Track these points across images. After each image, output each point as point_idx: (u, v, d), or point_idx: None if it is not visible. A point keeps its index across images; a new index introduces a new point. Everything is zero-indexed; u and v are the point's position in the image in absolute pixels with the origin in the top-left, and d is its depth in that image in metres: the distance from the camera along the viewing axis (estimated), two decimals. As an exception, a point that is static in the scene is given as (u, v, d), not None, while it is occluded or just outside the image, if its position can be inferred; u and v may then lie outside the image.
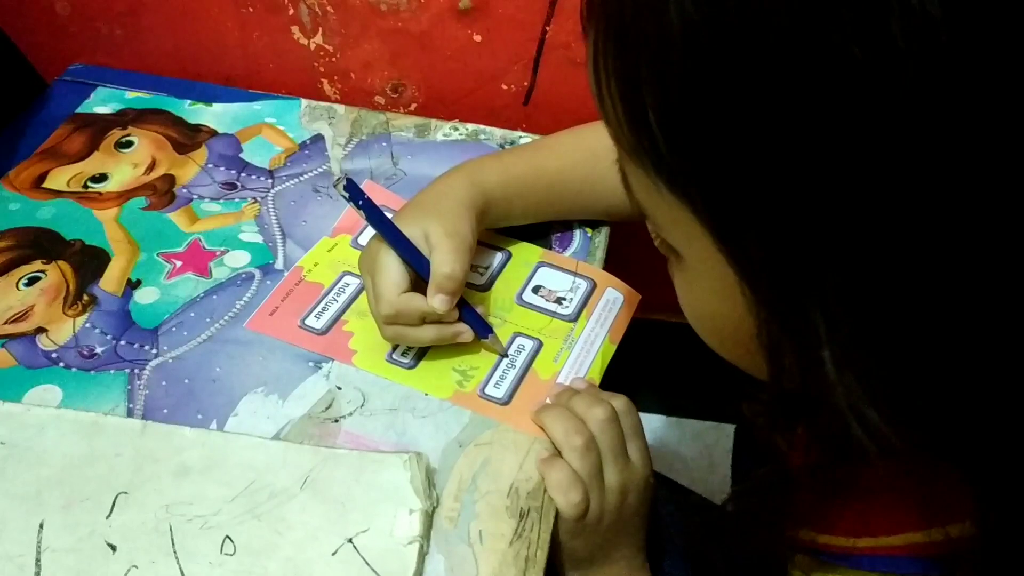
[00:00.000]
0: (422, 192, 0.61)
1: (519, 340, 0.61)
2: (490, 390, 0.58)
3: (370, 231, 0.67)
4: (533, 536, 0.50)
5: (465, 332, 0.57)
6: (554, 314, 0.63)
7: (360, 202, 0.53)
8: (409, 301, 0.55)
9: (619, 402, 0.56)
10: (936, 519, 0.35)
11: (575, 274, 0.66)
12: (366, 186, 0.70)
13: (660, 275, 0.68)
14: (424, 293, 0.55)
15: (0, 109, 0.78)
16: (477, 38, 0.76)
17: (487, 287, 0.64)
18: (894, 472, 0.36)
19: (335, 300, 0.63)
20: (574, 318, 0.63)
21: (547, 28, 0.75)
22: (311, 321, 0.61)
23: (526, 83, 0.80)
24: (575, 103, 0.80)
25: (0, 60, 0.81)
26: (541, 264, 0.66)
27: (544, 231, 0.69)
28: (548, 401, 0.57)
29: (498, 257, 0.67)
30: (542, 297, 0.64)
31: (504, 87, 0.80)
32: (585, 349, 0.61)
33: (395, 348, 0.60)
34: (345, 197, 0.53)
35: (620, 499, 0.54)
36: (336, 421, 0.56)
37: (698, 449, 1.23)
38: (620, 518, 0.54)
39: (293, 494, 0.51)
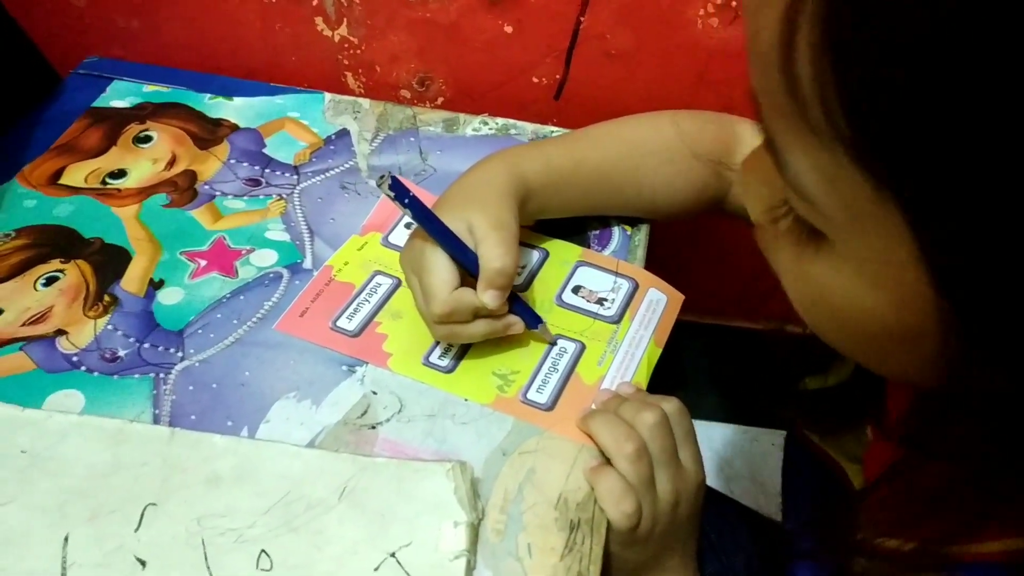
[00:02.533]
0: (460, 181, 0.58)
1: (561, 343, 0.58)
2: (533, 395, 0.55)
3: (401, 229, 0.65)
4: (585, 550, 0.48)
5: (516, 323, 0.55)
6: (596, 315, 0.60)
7: (406, 200, 0.51)
8: (461, 298, 0.52)
9: (670, 405, 0.53)
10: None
11: (616, 274, 0.63)
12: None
13: (695, 276, 0.65)
14: (472, 287, 0.52)
15: (14, 103, 0.75)
16: (508, 29, 0.74)
17: (525, 287, 0.62)
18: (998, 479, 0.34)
19: (367, 301, 0.60)
20: (617, 320, 0.60)
21: (581, 19, 0.72)
22: (343, 323, 0.59)
23: (558, 76, 0.77)
24: (608, 97, 0.77)
25: (13, 53, 0.78)
26: (580, 263, 0.64)
27: (581, 228, 0.67)
28: (594, 407, 0.55)
29: (535, 256, 0.64)
30: (583, 298, 0.61)
31: (535, 80, 0.78)
32: (630, 352, 0.58)
33: (432, 351, 0.57)
34: (391, 196, 0.50)
35: (672, 506, 0.51)
36: (373, 428, 0.53)
37: (739, 454, 1.21)
38: (672, 526, 0.52)
39: (331, 505, 0.48)
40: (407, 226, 0.65)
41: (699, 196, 0.65)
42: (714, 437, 1.19)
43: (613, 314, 0.61)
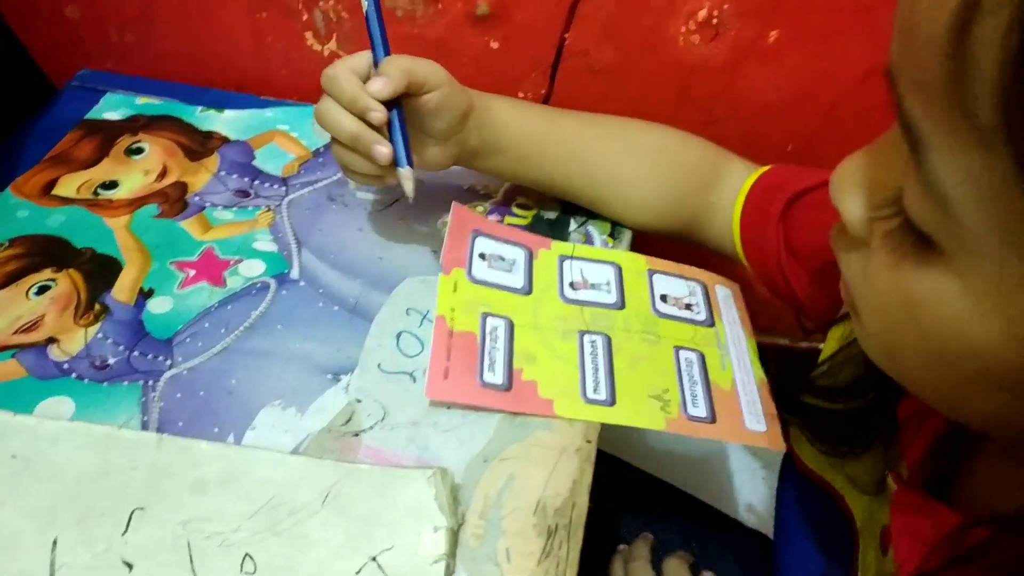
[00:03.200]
0: None
1: (683, 354, 0.60)
2: (692, 411, 0.56)
3: (478, 261, 0.63)
4: (562, 554, 0.49)
5: (384, 148, 0.55)
6: (693, 321, 0.62)
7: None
8: (346, 64, 0.55)
9: None
10: None
11: (684, 277, 0.65)
12: (455, 210, 0.65)
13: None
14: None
15: (9, 113, 0.77)
16: (494, 45, 0.76)
17: (621, 304, 0.62)
18: None
19: (495, 348, 0.57)
20: (711, 323, 0.62)
21: (565, 36, 0.74)
22: (489, 377, 0.56)
23: (543, 91, 0.79)
24: (593, 111, 0.79)
25: (10, 64, 0.80)
26: (651, 271, 0.65)
27: (562, 234, 0.68)
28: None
29: (611, 271, 0.65)
30: (673, 306, 0.63)
31: (521, 94, 0.79)
32: (738, 352, 0.61)
33: (584, 386, 0.56)
34: None
35: None
36: (356, 435, 0.54)
37: (728, 470, 1.22)
38: None
39: (314, 510, 0.50)
40: (481, 256, 0.63)
41: (673, 208, 0.65)
42: (697, 447, 1.21)
43: (705, 318, 0.63)
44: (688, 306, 0.63)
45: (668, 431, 0.54)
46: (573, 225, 0.69)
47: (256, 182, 0.72)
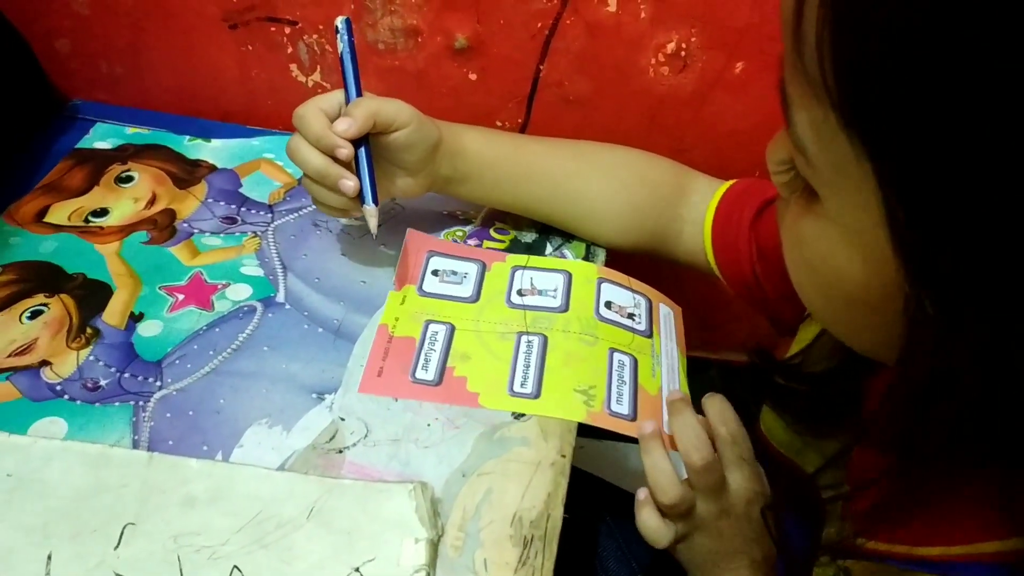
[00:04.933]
0: None
1: (617, 356, 0.63)
2: (616, 407, 0.60)
3: (430, 277, 0.69)
4: (537, 564, 0.51)
5: (350, 181, 0.59)
6: (632, 329, 0.65)
7: (349, 39, 0.61)
8: (316, 104, 0.59)
9: (732, 414, 0.56)
10: (1018, 529, 0.36)
11: (631, 290, 0.69)
12: (409, 235, 0.71)
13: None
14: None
15: (20, 129, 0.79)
16: (472, 77, 0.79)
17: (565, 308, 0.66)
18: (981, 480, 0.36)
19: (432, 350, 0.63)
20: (649, 334, 0.66)
21: (541, 67, 0.77)
22: (421, 374, 0.61)
23: (520, 120, 0.82)
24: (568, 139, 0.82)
25: (22, 80, 0.82)
26: (601, 280, 0.69)
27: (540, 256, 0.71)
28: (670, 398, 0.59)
29: (561, 279, 0.69)
30: (616, 313, 0.66)
31: (499, 124, 0.82)
32: (669, 364, 0.64)
33: (512, 382, 0.61)
34: (337, 29, 0.60)
35: (744, 510, 0.53)
36: (340, 452, 0.56)
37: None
38: (741, 525, 0.53)
39: (300, 524, 0.52)
40: (434, 273, 0.68)
41: (641, 222, 0.68)
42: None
43: (644, 328, 0.66)
44: (631, 315, 0.66)
45: (587, 422, 0.58)
46: (549, 248, 0.72)
47: (243, 209, 0.74)
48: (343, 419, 0.58)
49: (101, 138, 0.81)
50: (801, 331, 0.58)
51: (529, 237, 0.73)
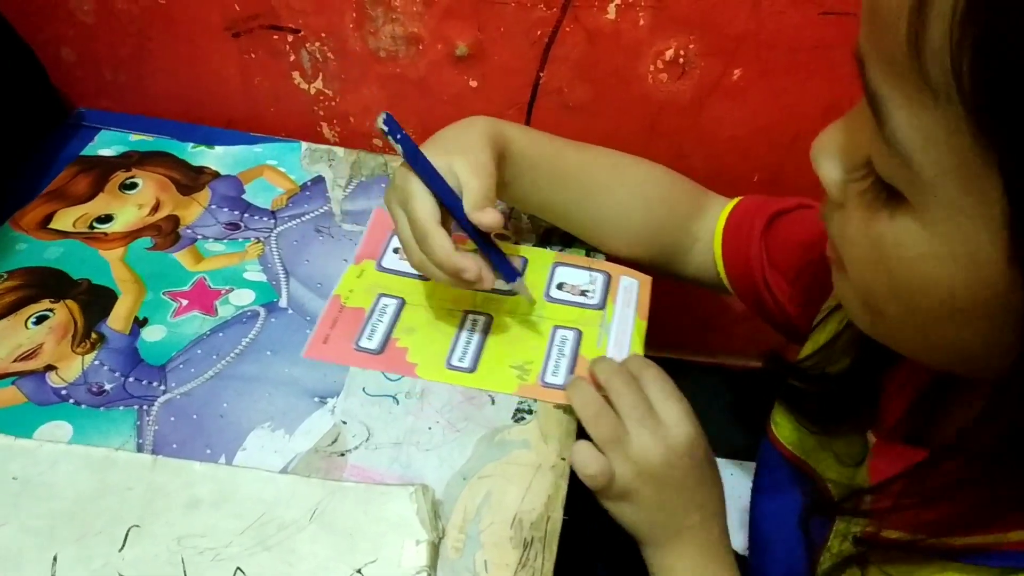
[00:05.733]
0: (443, 130, 0.62)
1: (560, 332, 0.66)
2: (550, 379, 0.62)
3: (391, 254, 0.71)
4: (537, 565, 0.52)
5: (487, 278, 0.57)
6: (583, 305, 0.68)
7: (398, 136, 0.57)
8: (434, 218, 0.56)
9: (647, 372, 0.58)
10: None
11: (590, 269, 0.71)
12: (376, 213, 0.75)
13: (655, 313, 0.70)
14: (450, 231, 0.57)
15: (25, 138, 0.80)
16: (473, 84, 0.79)
17: (514, 292, 0.67)
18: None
19: (380, 321, 0.66)
20: (601, 306, 0.68)
21: (540, 74, 0.78)
22: (365, 343, 0.64)
23: (520, 127, 0.82)
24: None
25: (27, 88, 0.83)
26: (557, 264, 0.71)
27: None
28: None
29: (518, 263, 0.71)
30: (567, 292, 0.69)
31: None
32: (621, 329, 0.66)
33: (452, 355, 0.64)
34: (384, 131, 0.57)
35: (662, 462, 0.54)
36: (342, 455, 0.57)
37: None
38: (670, 482, 0.54)
39: (302, 526, 0.52)
40: (395, 251, 0.71)
41: (654, 239, 0.69)
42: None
43: (597, 302, 0.68)
44: (583, 292, 0.69)
45: (518, 395, 0.61)
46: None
47: (246, 215, 0.75)
48: (345, 422, 0.59)
49: (105, 145, 0.82)
50: (814, 335, 0.59)
51: (529, 244, 0.74)
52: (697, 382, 1.09)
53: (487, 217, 0.56)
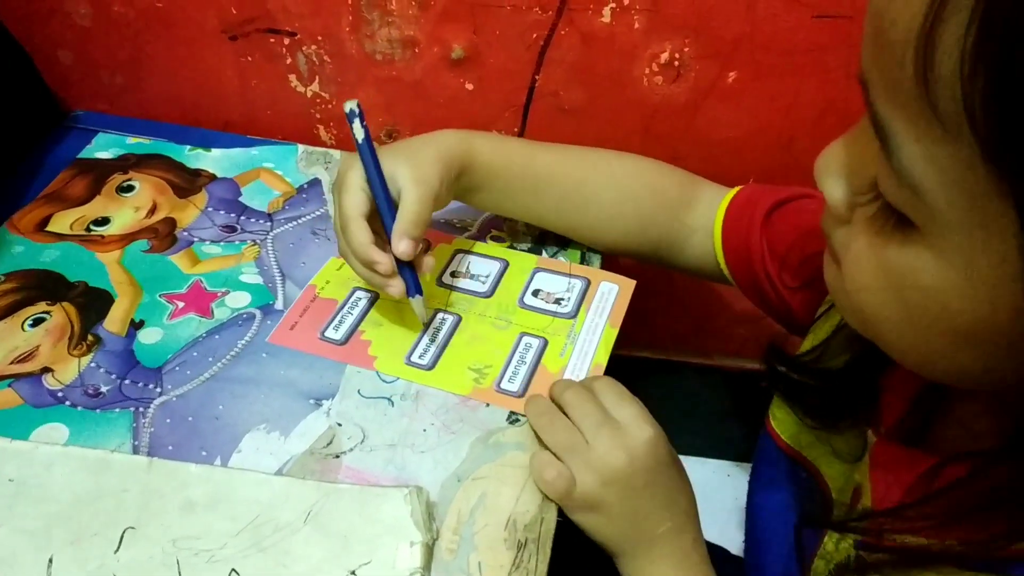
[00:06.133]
0: (415, 137, 0.64)
1: (526, 339, 0.65)
2: (505, 385, 0.62)
3: None
4: (531, 566, 0.52)
5: (396, 285, 0.59)
6: (555, 314, 0.68)
7: (363, 124, 0.59)
8: (357, 210, 0.59)
9: (598, 381, 0.59)
10: None
11: (570, 275, 0.71)
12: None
13: (650, 315, 0.70)
14: (378, 226, 0.59)
15: (22, 139, 0.81)
16: (469, 87, 0.80)
17: (489, 294, 0.69)
18: None
19: (350, 313, 0.67)
20: (574, 315, 0.68)
21: (536, 77, 0.78)
22: (330, 333, 0.65)
23: (516, 129, 0.83)
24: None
25: (23, 91, 0.83)
26: (537, 270, 0.71)
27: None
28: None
29: (497, 266, 0.71)
30: (542, 299, 0.69)
31: (495, 133, 0.83)
32: (588, 339, 0.66)
33: (412, 351, 0.64)
34: (350, 115, 0.59)
35: (625, 468, 0.53)
36: (337, 457, 0.57)
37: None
38: (634, 484, 0.54)
39: (297, 528, 0.52)
40: None
41: (645, 232, 0.69)
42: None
43: (570, 311, 0.68)
44: (558, 300, 0.69)
45: (472, 397, 0.61)
46: (545, 255, 0.73)
47: (242, 218, 0.75)
48: (340, 424, 0.59)
49: (103, 148, 0.82)
50: (815, 328, 0.59)
51: (524, 245, 0.74)
52: (692, 383, 1.10)
53: (401, 246, 0.58)
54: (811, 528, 0.51)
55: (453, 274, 0.70)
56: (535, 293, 0.69)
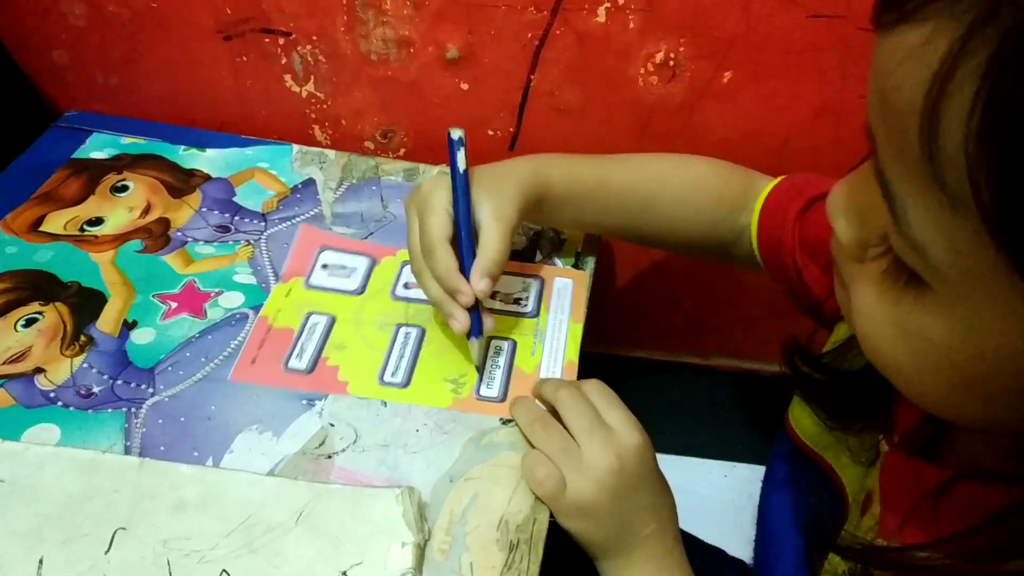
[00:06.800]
0: (490, 166, 0.63)
1: (495, 343, 0.65)
2: (485, 392, 0.62)
3: (319, 271, 0.71)
4: (523, 567, 0.52)
5: (460, 321, 0.58)
6: (517, 314, 0.68)
7: (465, 154, 0.60)
8: (442, 235, 0.58)
9: (588, 384, 0.59)
10: None
11: (523, 275, 0.71)
12: (302, 229, 0.75)
13: (646, 314, 0.70)
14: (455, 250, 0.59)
15: (11, 142, 0.81)
16: (464, 86, 0.79)
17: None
18: None
19: (309, 340, 0.65)
20: (535, 314, 0.68)
21: (531, 77, 0.78)
22: (295, 363, 0.63)
23: (511, 129, 0.82)
24: (559, 148, 0.82)
25: (10, 93, 0.83)
26: None
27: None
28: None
29: None
30: (500, 301, 0.69)
31: (490, 133, 0.83)
32: (555, 337, 0.66)
33: (383, 371, 0.63)
34: (453, 141, 0.60)
35: (615, 471, 0.53)
36: (329, 457, 0.57)
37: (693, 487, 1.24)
38: (623, 489, 0.54)
39: (288, 528, 0.52)
40: (324, 267, 0.71)
41: (708, 236, 0.69)
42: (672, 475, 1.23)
43: (531, 309, 0.68)
44: (517, 300, 0.69)
45: (452, 409, 0.61)
46: (539, 256, 0.73)
47: (236, 218, 0.75)
48: (332, 425, 0.59)
49: (97, 148, 0.82)
50: (837, 328, 0.58)
51: (519, 246, 0.74)
52: (688, 383, 1.10)
53: (482, 284, 0.57)
54: (819, 552, 0.51)
55: (406, 285, 0.70)
56: (493, 295, 0.68)
